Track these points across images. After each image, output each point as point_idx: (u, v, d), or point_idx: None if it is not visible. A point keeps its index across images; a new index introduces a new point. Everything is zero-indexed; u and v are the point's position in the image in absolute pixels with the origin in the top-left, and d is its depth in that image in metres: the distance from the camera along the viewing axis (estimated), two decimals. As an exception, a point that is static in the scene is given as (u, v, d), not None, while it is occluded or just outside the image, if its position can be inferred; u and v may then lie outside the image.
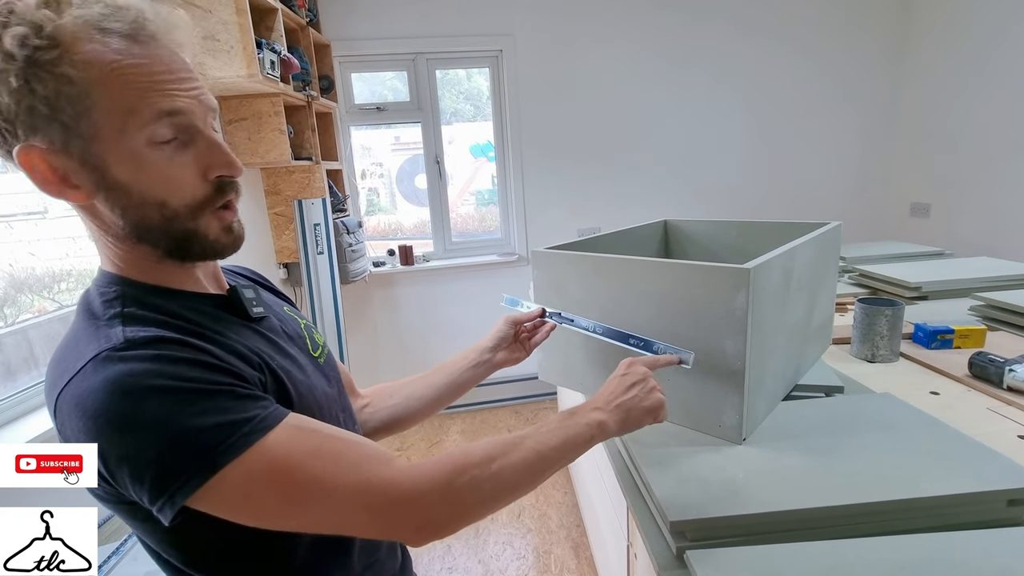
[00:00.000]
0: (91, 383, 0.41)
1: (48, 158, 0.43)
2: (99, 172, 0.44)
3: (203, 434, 0.41)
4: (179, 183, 0.47)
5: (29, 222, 1.44)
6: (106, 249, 0.50)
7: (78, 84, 0.42)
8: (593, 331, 0.82)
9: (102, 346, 0.43)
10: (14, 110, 0.41)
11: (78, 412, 0.41)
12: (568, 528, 1.93)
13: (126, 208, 0.46)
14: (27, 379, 1.26)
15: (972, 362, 0.97)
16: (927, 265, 1.62)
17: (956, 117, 2.58)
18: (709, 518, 0.61)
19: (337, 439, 0.48)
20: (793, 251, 0.80)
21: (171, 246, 0.49)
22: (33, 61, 0.40)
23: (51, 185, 0.44)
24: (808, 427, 0.79)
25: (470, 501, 0.49)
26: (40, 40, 0.40)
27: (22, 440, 1.08)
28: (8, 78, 0.40)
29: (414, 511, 0.47)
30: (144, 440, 0.41)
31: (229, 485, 0.42)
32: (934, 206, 2.74)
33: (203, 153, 0.48)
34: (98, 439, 0.41)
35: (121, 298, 0.48)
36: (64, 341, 0.48)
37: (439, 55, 2.62)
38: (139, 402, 0.41)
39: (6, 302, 1.33)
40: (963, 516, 0.62)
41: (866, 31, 2.79)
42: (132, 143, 0.44)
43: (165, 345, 0.44)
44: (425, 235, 2.91)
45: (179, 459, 0.41)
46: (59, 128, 0.42)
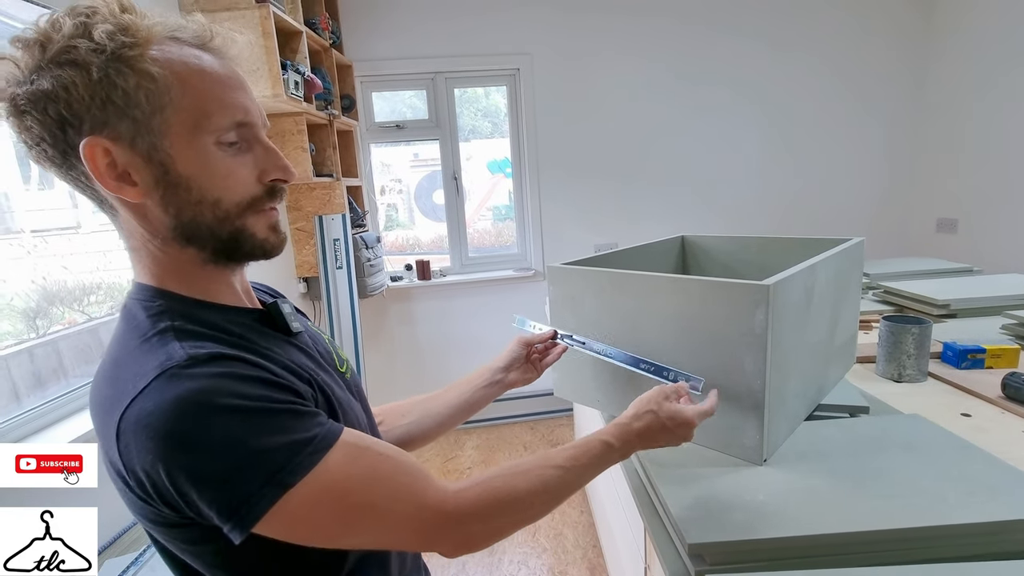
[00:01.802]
0: (159, 402, 0.40)
1: (113, 152, 0.44)
2: (163, 168, 0.45)
3: (273, 454, 0.42)
4: (236, 183, 0.48)
5: (63, 237, 1.49)
6: (146, 258, 0.50)
7: (159, 81, 0.44)
8: (604, 355, 0.81)
9: (165, 364, 0.42)
10: (87, 103, 0.42)
11: (148, 432, 0.40)
12: (584, 548, 1.89)
13: (182, 206, 0.47)
14: (56, 389, 1.30)
15: (1006, 383, 0.94)
16: (955, 282, 1.57)
17: (983, 130, 2.52)
18: (729, 541, 0.59)
19: (389, 458, 0.49)
20: (814, 267, 0.79)
21: (219, 247, 0.49)
22: (118, 56, 0.42)
23: (110, 180, 0.44)
24: (832, 448, 0.76)
25: (506, 528, 0.53)
26: (126, 37, 0.43)
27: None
28: (90, 70, 0.42)
29: (456, 532, 0.50)
30: (216, 460, 0.40)
31: (292, 506, 0.42)
32: (961, 222, 2.67)
33: (261, 157, 0.50)
34: (169, 459, 0.40)
35: (168, 312, 0.47)
36: (112, 358, 0.47)
37: (457, 74, 2.67)
38: (210, 421, 0.41)
39: (39, 314, 1.38)
40: (998, 545, 0.59)
41: (889, 43, 2.77)
42: (201, 142, 0.46)
43: (226, 362, 0.44)
44: (442, 250, 2.94)
45: (250, 480, 0.41)
46: (130, 123, 0.44)
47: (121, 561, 1.13)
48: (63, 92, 0.42)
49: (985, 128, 2.51)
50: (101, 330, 1.50)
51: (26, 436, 1.15)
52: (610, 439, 0.60)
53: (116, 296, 1.60)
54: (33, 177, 1.47)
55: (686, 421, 0.62)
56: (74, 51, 0.41)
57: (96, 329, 1.49)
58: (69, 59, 0.41)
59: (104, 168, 0.44)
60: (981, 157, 2.54)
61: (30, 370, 1.28)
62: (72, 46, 0.41)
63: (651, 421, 0.61)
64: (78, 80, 0.42)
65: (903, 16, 2.75)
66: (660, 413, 0.62)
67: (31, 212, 1.44)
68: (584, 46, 2.64)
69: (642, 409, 0.63)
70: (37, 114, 0.42)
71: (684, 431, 0.62)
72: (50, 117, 0.42)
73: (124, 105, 0.43)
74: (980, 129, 2.54)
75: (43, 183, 1.50)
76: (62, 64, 0.42)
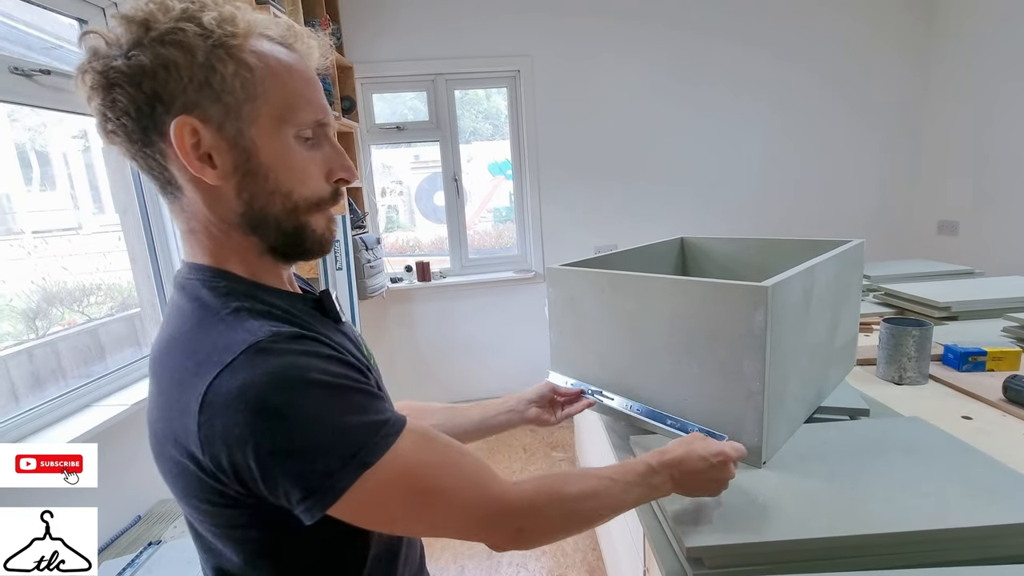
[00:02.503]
0: (251, 375, 0.40)
1: (201, 133, 0.45)
2: (246, 154, 0.46)
3: (356, 432, 0.43)
4: (309, 178, 0.50)
5: (63, 238, 1.50)
6: (206, 239, 0.50)
7: (255, 71, 0.45)
8: (630, 410, 0.82)
9: (250, 339, 0.42)
10: (184, 83, 0.43)
11: (239, 404, 0.40)
12: (584, 551, 1.89)
13: (256, 193, 0.48)
14: (55, 389, 1.30)
15: (1007, 386, 0.93)
16: (956, 284, 1.57)
17: (984, 131, 2.52)
18: (728, 545, 0.59)
19: (454, 449, 0.50)
20: (813, 269, 0.79)
21: (279, 240, 0.50)
22: (222, 43, 0.44)
23: (193, 160, 0.45)
24: (832, 451, 0.76)
25: (557, 528, 0.55)
26: (229, 27, 0.44)
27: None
28: (195, 53, 0.43)
29: (511, 523, 0.51)
30: (307, 434, 0.41)
31: (368, 486, 0.42)
32: (963, 223, 2.66)
33: (330, 156, 0.52)
34: (259, 432, 0.40)
35: (235, 293, 0.48)
36: (181, 332, 0.47)
37: (458, 75, 2.68)
38: (303, 395, 0.41)
39: (38, 315, 1.38)
40: (999, 550, 0.59)
41: (890, 44, 2.77)
42: (283, 134, 0.48)
43: (308, 341, 0.45)
44: (442, 252, 2.94)
45: (333, 456, 0.41)
46: (221, 108, 0.45)
47: (119, 562, 1.13)
48: (162, 70, 0.43)
49: (986, 130, 2.51)
50: (100, 331, 1.50)
51: (24, 436, 1.15)
52: (649, 460, 0.61)
53: (116, 297, 1.60)
54: (35, 178, 1.47)
55: (721, 451, 0.62)
56: (181, 33, 0.43)
57: (95, 330, 1.49)
58: (175, 40, 0.43)
59: (192, 147, 0.45)
60: (982, 159, 2.54)
61: (29, 371, 1.28)
62: (180, 28, 0.43)
63: (687, 450, 0.63)
64: (181, 61, 0.43)
65: (904, 20, 2.75)
66: (694, 444, 0.64)
67: (32, 213, 1.44)
68: (584, 49, 2.64)
69: (678, 442, 0.65)
70: (130, 88, 0.43)
71: (721, 466, 0.62)
72: (143, 92, 0.43)
73: (220, 90, 0.44)
74: (981, 131, 2.53)
75: (44, 184, 1.50)
76: (167, 43, 0.43)
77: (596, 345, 0.89)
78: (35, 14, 1.35)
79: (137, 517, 1.33)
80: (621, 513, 0.60)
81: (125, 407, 1.29)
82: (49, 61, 1.31)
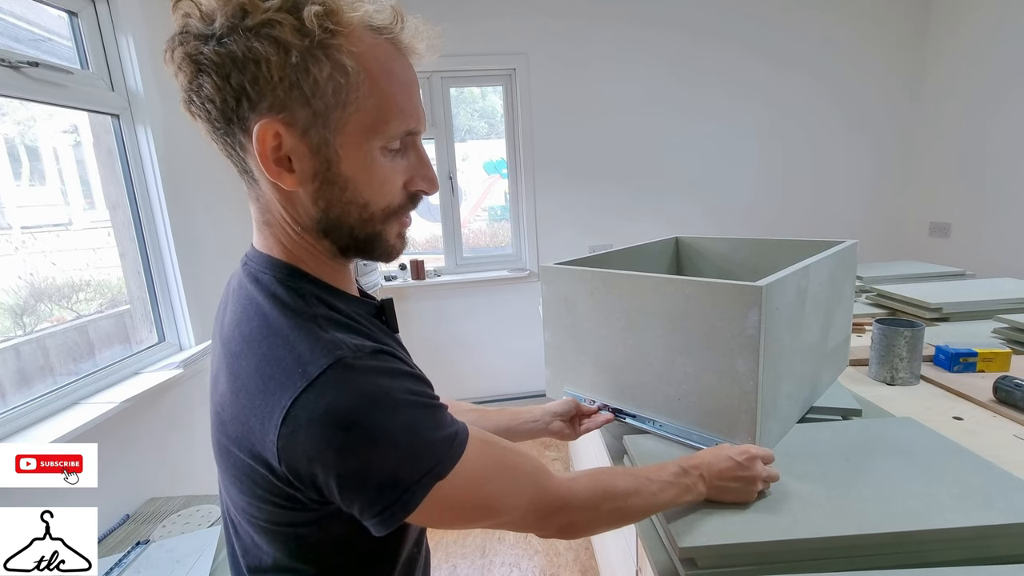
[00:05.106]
0: (340, 393, 0.40)
1: (283, 137, 0.42)
2: (327, 163, 0.44)
3: (436, 446, 0.44)
4: (389, 189, 0.48)
5: (52, 234, 1.48)
6: (281, 235, 0.48)
7: (350, 76, 0.42)
8: (653, 428, 0.83)
9: (335, 352, 0.41)
10: (274, 83, 0.40)
11: (323, 422, 0.39)
12: (576, 551, 1.89)
13: (332, 202, 0.46)
14: (42, 387, 1.28)
15: (997, 386, 0.94)
16: (948, 286, 1.58)
17: (976, 134, 2.54)
18: (720, 545, 0.59)
19: (511, 451, 0.52)
20: (807, 269, 0.79)
21: (350, 245, 0.49)
22: (320, 42, 0.40)
23: (271, 164, 0.43)
24: (824, 451, 0.76)
25: (603, 523, 0.59)
26: (333, 25, 0.41)
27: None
28: (290, 51, 0.40)
29: (564, 516, 0.54)
30: (387, 454, 0.41)
31: (442, 494, 0.43)
32: (954, 226, 2.69)
33: (414, 165, 0.49)
34: (343, 452, 0.40)
35: (310, 295, 0.47)
36: (262, 332, 0.45)
37: (454, 73, 2.67)
38: (387, 417, 0.41)
39: (26, 311, 1.36)
40: (989, 550, 0.59)
41: (883, 48, 2.78)
42: (369, 145, 0.45)
43: (387, 357, 0.45)
44: (437, 250, 2.93)
45: (413, 471, 0.42)
46: (309, 113, 0.42)
47: (107, 562, 1.11)
48: (253, 66, 0.40)
49: (978, 133, 2.53)
50: (89, 328, 1.48)
51: (10, 434, 1.13)
52: (681, 462, 0.65)
53: (105, 294, 1.58)
54: (24, 173, 1.45)
55: (746, 449, 0.66)
56: (279, 27, 0.39)
57: (84, 327, 1.47)
58: (271, 34, 0.39)
59: (272, 150, 0.43)
60: (974, 162, 2.56)
61: (16, 367, 1.26)
62: (277, 20, 0.39)
63: (715, 452, 0.67)
64: (274, 59, 0.39)
65: (897, 24, 2.77)
66: (721, 447, 0.68)
67: (21, 208, 1.42)
68: (580, 49, 2.64)
69: (707, 449, 0.69)
70: (217, 78, 0.40)
71: (748, 463, 0.65)
72: (230, 85, 0.40)
73: (310, 94, 0.41)
74: (973, 134, 2.55)
75: (34, 179, 1.48)
76: (262, 36, 0.39)
77: (590, 344, 0.89)
78: (24, 6, 1.33)
79: (125, 516, 1.31)
80: (656, 512, 0.63)
81: (114, 405, 1.28)
82: (38, 54, 1.29)
